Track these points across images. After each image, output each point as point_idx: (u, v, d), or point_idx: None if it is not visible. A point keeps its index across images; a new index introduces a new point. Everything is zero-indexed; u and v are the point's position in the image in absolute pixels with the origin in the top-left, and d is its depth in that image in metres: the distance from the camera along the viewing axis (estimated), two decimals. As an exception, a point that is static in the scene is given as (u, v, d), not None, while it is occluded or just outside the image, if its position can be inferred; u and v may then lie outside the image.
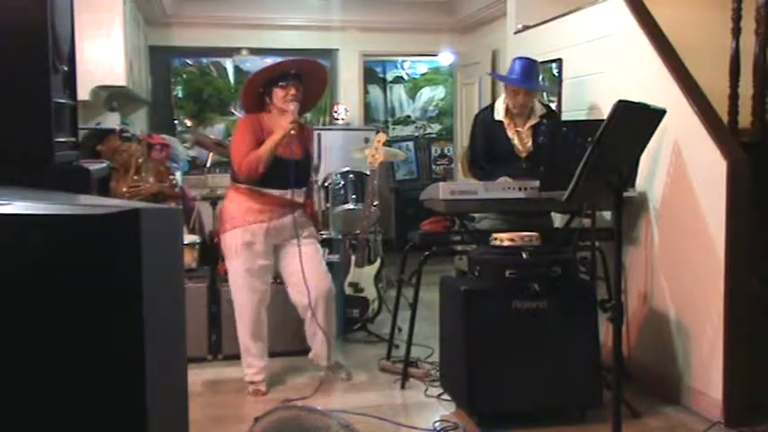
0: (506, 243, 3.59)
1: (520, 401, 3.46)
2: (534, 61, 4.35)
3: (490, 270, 3.53)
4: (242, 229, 3.83)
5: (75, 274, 1.03)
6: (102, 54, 5.51)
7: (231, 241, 3.87)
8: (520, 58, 4.38)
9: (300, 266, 3.87)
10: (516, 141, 4.23)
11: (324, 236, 4.88)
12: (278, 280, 4.18)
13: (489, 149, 4.28)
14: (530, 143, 4.24)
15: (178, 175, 6.11)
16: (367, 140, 6.95)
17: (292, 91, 3.80)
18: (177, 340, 1.33)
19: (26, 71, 2.04)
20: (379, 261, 5.23)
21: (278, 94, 3.82)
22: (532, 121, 4.26)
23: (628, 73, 4.21)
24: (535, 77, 4.31)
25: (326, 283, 3.99)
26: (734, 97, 3.88)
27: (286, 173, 3.79)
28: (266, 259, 3.92)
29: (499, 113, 4.28)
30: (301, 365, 4.36)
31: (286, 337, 4.41)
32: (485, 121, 4.33)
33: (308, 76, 3.91)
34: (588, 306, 3.52)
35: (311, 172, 4.16)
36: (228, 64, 7.96)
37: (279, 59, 4.09)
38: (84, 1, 4.40)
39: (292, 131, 3.74)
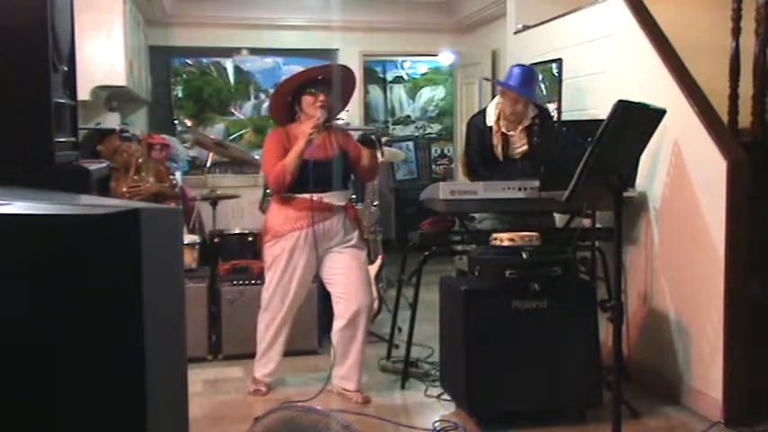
0: (506, 243, 3.59)
1: (520, 401, 3.46)
2: (532, 69, 4.37)
3: (490, 270, 3.53)
4: (282, 240, 3.79)
5: (76, 274, 1.03)
6: (102, 54, 5.51)
7: (270, 252, 3.83)
8: (519, 65, 4.39)
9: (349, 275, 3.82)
10: (500, 149, 4.23)
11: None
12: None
13: (484, 154, 4.28)
14: (524, 147, 4.23)
15: (178, 175, 6.11)
16: (367, 140, 6.94)
17: (321, 97, 3.77)
18: (177, 340, 1.33)
19: (26, 71, 2.04)
20: (379, 261, 5.23)
21: (307, 100, 3.79)
22: (525, 123, 4.25)
23: (628, 73, 4.21)
24: (534, 85, 4.32)
25: (367, 299, 3.86)
26: (734, 97, 3.88)
27: (319, 175, 3.74)
28: (304, 270, 3.83)
29: (490, 119, 4.28)
30: (302, 366, 4.37)
31: (288, 338, 4.41)
32: (478, 127, 4.34)
33: (336, 80, 3.86)
34: (588, 306, 3.52)
35: (352, 172, 3.96)
36: (228, 64, 7.96)
37: (279, 59, 4.08)
38: (84, 1, 4.39)
39: (312, 137, 3.69)
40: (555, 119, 4.69)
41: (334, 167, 3.84)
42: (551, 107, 4.81)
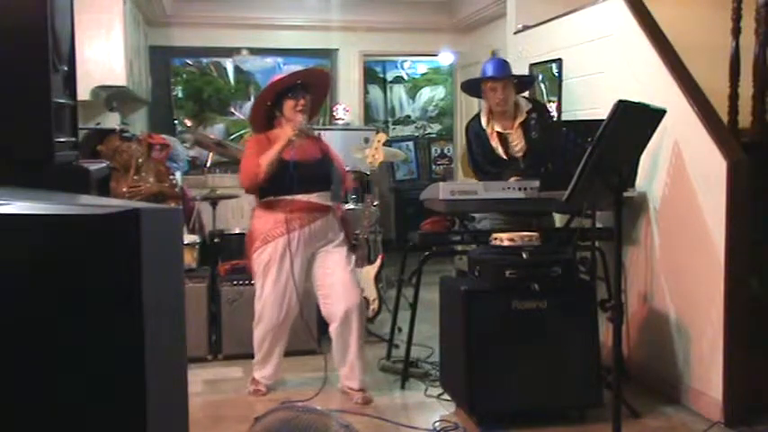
0: (506, 243, 3.59)
1: (520, 401, 3.46)
2: (502, 58, 4.40)
3: (490, 270, 3.53)
4: (273, 244, 3.77)
5: (76, 274, 1.03)
6: (102, 54, 5.51)
7: (262, 259, 3.80)
8: (488, 61, 4.40)
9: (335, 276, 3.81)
10: (501, 150, 4.21)
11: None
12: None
13: (487, 156, 4.27)
14: (522, 143, 4.22)
15: (178, 175, 6.11)
16: (367, 140, 6.95)
17: (302, 101, 3.81)
18: (177, 340, 1.32)
19: (26, 71, 2.04)
20: (379, 261, 5.23)
21: (288, 104, 3.81)
22: (520, 119, 4.24)
23: (628, 73, 4.21)
24: (505, 68, 4.28)
25: (355, 296, 3.84)
26: (734, 97, 3.88)
27: (305, 176, 3.74)
28: (296, 277, 3.80)
29: (484, 122, 4.28)
30: (302, 365, 4.36)
31: (286, 343, 4.39)
32: (476, 131, 4.32)
33: (312, 84, 3.91)
34: (588, 306, 3.52)
35: (335, 174, 3.99)
36: (228, 64, 7.96)
37: (279, 59, 4.10)
38: (84, 1, 4.40)
39: (293, 138, 3.70)
40: (553, 115, 4.69)
41: (320, 169, 3.88)
42: (551, 107, 4.81)
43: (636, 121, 2.81)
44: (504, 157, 4.20)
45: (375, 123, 9.30)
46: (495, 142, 4.22)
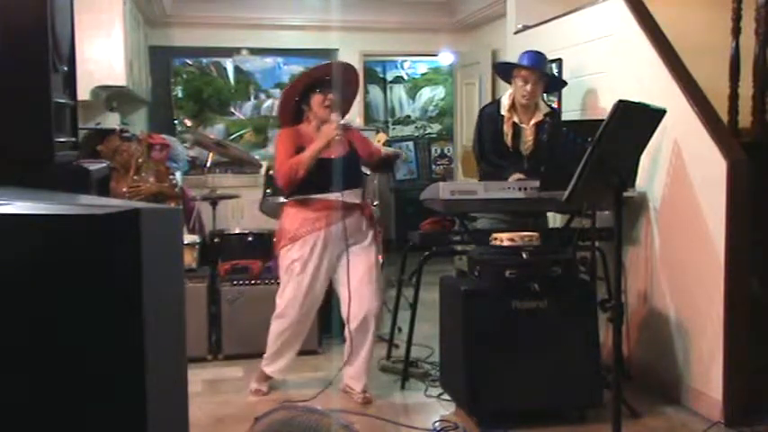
0: (506, 243, 3.59)
1: (520, 401, 3.46)
2: (541, 52, 4.35)
3: (490, 270, 3.53)
4: (300, 242, 3.75)
5: (75, 274, 1.03)
6: (102, 54, 5.50)
7: (287, 257, 3.78)
8: (528, 51, 4.38)
9: (348, 282, 3.78)
10: (509, 138, 4.22)
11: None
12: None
13: (496, 142, 4.26)
14: (531, 142, 4.23)
15: (178, 175, 6.11)
16: (367, 140, 6.94)
17: (330, 96, 3.80)
18: (177, 340, 1.32)
19: (26, 71, 2.04)
20: (379, 260, 5.22)
21: (317, 99, 3.80)
22: (537, 118, 4.24)
23: (628, 73, 4.21)
24: (543, 64, 4.29)
25: (376, 302, 3.84)
26: (734, 97, 3.88)
27: (335, 174, 3.73)
28: (323, 273, 3.81)
29: (504, 108, 4.27)
30: (302, 366, 4.36)
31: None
32: (491, 114, 4.31)
33: (341, 79, 3.88)
34: (588, 306, 3.52)
35: (362, 171, 4.00)
36: (228, 64, 7.96)
37: (279, 59, 4.08)
38: (84, 1, 4.39)
39: (337, 137, 3.71)
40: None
41: (349, 166, 3.84)
42: (553, 107, 4.80)
43: (636, 121, 2.81)
44: (510, 148, 4.20)
45: (375, 123, 9.30)
46: (507, 128, 4.22)
